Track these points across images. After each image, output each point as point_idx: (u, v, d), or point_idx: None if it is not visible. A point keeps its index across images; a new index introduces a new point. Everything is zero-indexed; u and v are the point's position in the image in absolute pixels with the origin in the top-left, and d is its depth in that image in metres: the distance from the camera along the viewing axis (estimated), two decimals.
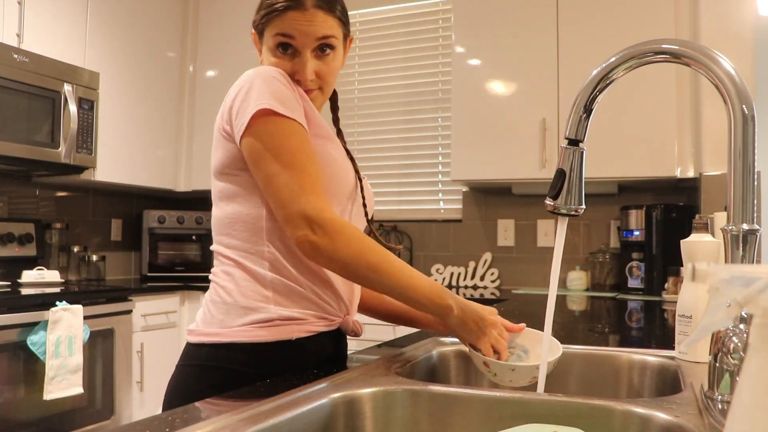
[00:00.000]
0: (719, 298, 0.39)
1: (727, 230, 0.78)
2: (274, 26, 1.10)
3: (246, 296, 1.06)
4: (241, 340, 1.04)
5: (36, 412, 2.37)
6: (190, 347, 1.09)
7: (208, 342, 1.06)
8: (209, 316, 1.09)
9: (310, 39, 1.10)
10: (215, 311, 1.08)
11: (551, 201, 0.93)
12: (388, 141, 3.66)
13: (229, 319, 1.06)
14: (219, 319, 1.07)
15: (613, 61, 0.89)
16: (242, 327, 1.05)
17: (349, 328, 1.15)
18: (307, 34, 1.09)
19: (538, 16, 2.97)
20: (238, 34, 3.61)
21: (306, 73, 1.10)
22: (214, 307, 1.09)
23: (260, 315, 1.05)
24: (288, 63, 1.11)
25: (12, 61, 2.61)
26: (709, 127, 2.68)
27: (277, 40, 1.10)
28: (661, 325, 1.80)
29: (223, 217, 1.11)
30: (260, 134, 1.01)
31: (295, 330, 1.05)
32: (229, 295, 1.07)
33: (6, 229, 2.95)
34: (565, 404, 0.80)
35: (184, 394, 1.03)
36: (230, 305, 1.06)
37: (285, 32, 1.09)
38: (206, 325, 1.08)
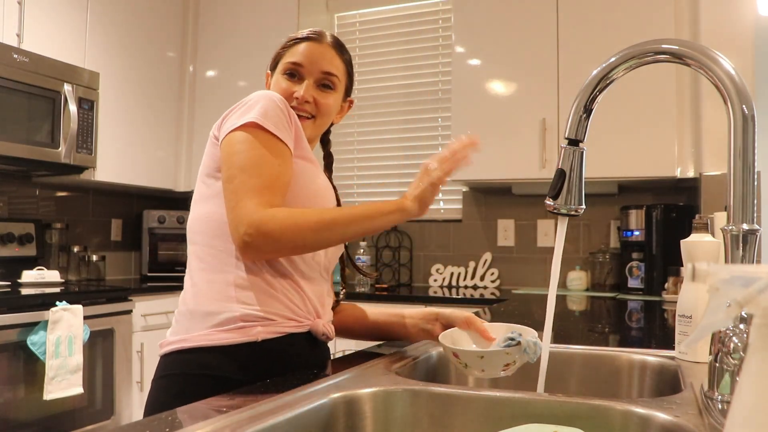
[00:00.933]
0: (719, 298, 0.39)
1: (727, 230, 0.78)
2: (288, 54, 1.22)
3: (209, 299, 1.06)
4: (205, 344, 1.03)
5: (36, 412, 2.37)
6: (160, 360, 1.09)
7: (172, 350, 1.06)
8: (176, 327, 1.10)
9: (315, 68, 1.21)
10: (181, 320, 1.09)
11: (551, 201, 0.93)
12: (388, 141, 3.65)
13: (194, 325, 1.06)
14: (185, 327, 1.07)
15: (613, 61, 0.89)
16: (206, 331, 1.04)
17: (319, 331, 1.13)
18: (314, 63, 1.21)
19: (538, 16, 2.97)
20: (238, 34, 3.61)
21: (303, 92, 1.19)
22: (180, 316, 1.10)
23: (223, 316, 1.04)
24: (291, 85, 1.20)
25: (12, 61, 2.61)
26: (709, 127, 2.68)
27: (287, 66, 1.21)
28: (661, 325, 1.80)
29: (194, 219, 1.14)
30: (240, 138, 1.06)
31: (261, 331, 1.04)
32: (193, 301, 1.08)
33: (6, 229, 2.95)
34: (565, 404, 0.80)
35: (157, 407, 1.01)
36: (193, 312, 1.07)
37: (296, 60, 1.21)
38: (173, 335, 1.09)
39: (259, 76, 3.87)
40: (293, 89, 1.20)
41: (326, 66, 1.21)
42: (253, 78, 3.51)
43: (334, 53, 1.23)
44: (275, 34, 3.51)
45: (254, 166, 1.03)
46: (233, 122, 1.08)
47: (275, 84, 1.23)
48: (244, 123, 1.06)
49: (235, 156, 1.05)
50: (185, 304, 1.09)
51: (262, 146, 1.05)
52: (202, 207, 1.13)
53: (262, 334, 1.04)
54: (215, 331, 1.03)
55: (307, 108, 1.20)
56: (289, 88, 1.20)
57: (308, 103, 1.20)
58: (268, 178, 1.03)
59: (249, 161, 1.04)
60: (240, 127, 1.06)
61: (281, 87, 1.20)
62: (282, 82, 1.21)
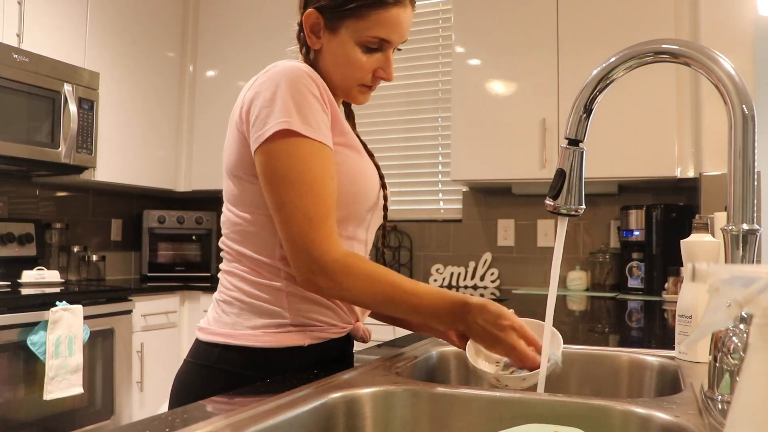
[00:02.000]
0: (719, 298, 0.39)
1: (727, 230, 0.78)
2: (371, 22, 1.01)
3: (260, 300, 1.03)
4: (252, 345, 1.01)
5: (36, 412, 2.37)
6: (200, 345, 1.06)
7: (219, 342, 1.03)
8: (221, 315, 1.05)
9: (401, 40, 1.06)
10: (228, 310, 1.05)
11: (551, 201, 0.93)
12: (388, 141, 3.66)
13: (242, 320, 1.03)
14: (231, 320, 1.04)
15: (613, 61, 0.89)
16: (254, 331, 1.02)
17: (358, 335, 1.14)
18: (402, 36, 1.05)
19: (538, 16, 2.97)
20: (238, 34, 3.61)
21: (391, 71, 1.07)
22: (228, 307, 1.05)
23: (274, 320, 1.02)
24: (372, 61, 1.05)
25: (12, 61, 2.61)
26: (709, 127, 2.68)
27: (370, 39, 1.03)
28: (661, 325, 1.80)
29: (237, 222, 1.06)
30: (277, 153, 0.94)
31: (308, 337, 1.03)
32: (245, 297, 1.04)
33: (6, 229, 2.95)
34: (565, 404, 0.80)
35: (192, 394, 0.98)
36: (243, 307, 1.03)
37: (386, 37, 1.03)
38: (218, 325, 1.05)
39: None
40: (375, 65, 1.05)
41: (407, 33, 1.06)
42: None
43: (411, 12, 1.05)
44: (275, 35, 3.51)
45: (304, 185, 0.94)
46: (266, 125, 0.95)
47: (348, 56, 1.03)
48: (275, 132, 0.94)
49: (279, 172, 0.94)
50: (229, 298, 1.05)
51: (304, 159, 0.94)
52: (242, 211, 1.04)
53: (308, 340, 1.03)
54: (263, 333, 1.02)
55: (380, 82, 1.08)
56: (371, 64, 1.04)
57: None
58: (324, 202, 0.94)
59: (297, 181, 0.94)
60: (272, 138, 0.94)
61: (361, 63, 1.04)
62: (361, 57, 1.04)
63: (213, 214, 3.64)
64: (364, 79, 1.07)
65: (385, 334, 2.64)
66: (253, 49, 3.54)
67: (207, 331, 1.06)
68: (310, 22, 1.05)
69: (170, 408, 1.01)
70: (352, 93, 1.10)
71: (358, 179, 1.06)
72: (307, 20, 1.05)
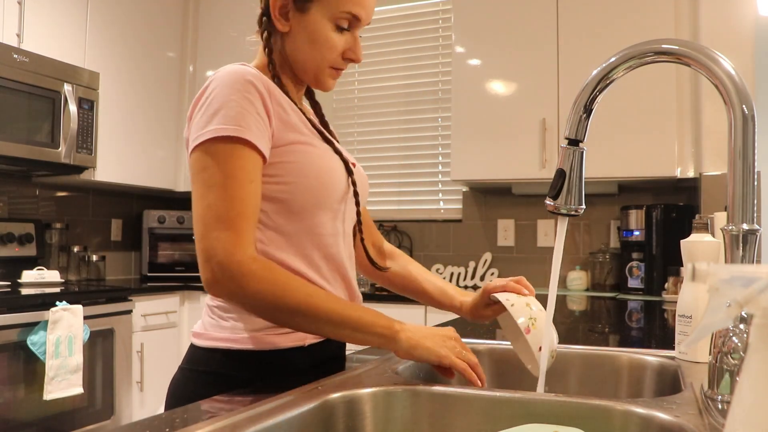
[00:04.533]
0: (719, 298, 0.39)
1: (727, 230, 0.78)
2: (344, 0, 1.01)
3: None
4: (254, 348, 0.99)
5: (36, 412, 2.37)
6: (198, 351, 1.03)
7: (219, 347, 1.00)
8: (219, 321, 1.03)
9: (368, 20, 1.06)
10: (226, 315, 1.02)
11: (551, 201, 0.93)
12: (388, 141, 3.66)
13: (241, 324, 1.01)
14: (230, 324, 1.01)
15: (613, 61, 0.89)
16: (256, 333, 1.00)
17: None
18: (368, 15, 1.05)
19: (538, 16, 2.97)
20: (238, 34, 3.61)
21: (360, 53, 1.07)
22: (225, 313, 1.03)
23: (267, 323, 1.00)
24: (342, 40, 1.04)
25: (12, 61, 2.61)
26: (709, 127, 2.68)
27: (344, 17, 1.02)
28: (661, 325, 1.80)
29: None
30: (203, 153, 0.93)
31: (307, 336, 1.03)
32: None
33: (6, 229, 2.95)
34: (565, 404, 0.80)
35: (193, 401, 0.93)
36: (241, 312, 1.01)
37: (358, 14, 1.02)
38: (216, 330, 1.02)
39: None
40: (345, 45, 1.05)
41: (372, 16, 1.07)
42: None
43: None
44: None
45: (216, 185, 0.91)
46: (194, 133, 0.95)
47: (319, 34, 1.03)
48: (201, 143, 0.93)
49: (198, 176, 0.93)
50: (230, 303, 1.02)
51: (226, 162, 0.92)
52: None
53: (308, 339, 1.03)
54: (264, 335, 1.00)
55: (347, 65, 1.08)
56: (340, 43, 1.04)
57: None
58: (240, 202, 0.91)
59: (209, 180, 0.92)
60: (199, 147, 0.93)
61: (332, 42, 1.03)
62: (332, 35, 1.03)
63: None
64: (335, 61, 1.05)
65: None
66: (253, 49, 3.54)
67: (205, 336, 1.03)
68: (279, 4, 1.04)
69: None
70: (321, 77, 1.07)
71: (322, 173, 1.02)
72: (275, 2, 1.04)
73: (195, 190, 0.93)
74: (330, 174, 1.04)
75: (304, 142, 1.02)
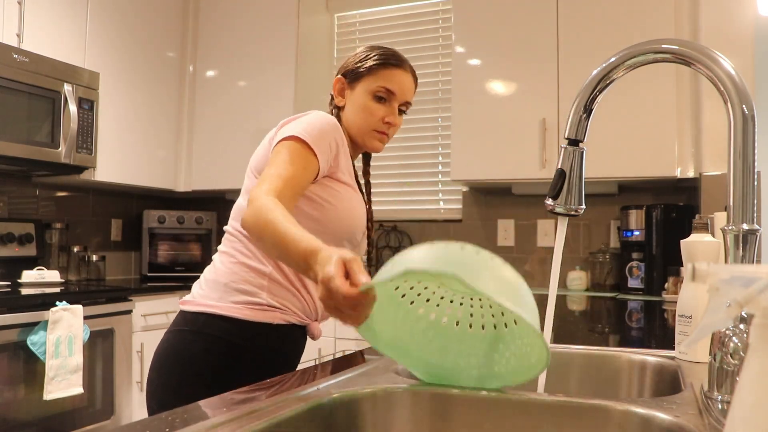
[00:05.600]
0: (719, 298, 0.39)
1: (727, 230, 0.78)
2: (380, 77, 1.36)
3: (244, 281, 1.27)
4: (233, 315, 1.24)
5: (36, 412, 2.37)
6: (186, 315, 1.28)
7: (204, 311, 1.26)
8: (207, 291, 1.29)
9: (403, 97, 1.39)
10: (214, 287, 1.29)
11: (551, 201, 0.93)
12: (388, 141, 3.65)
13: (226, 296, 1.27)
14: (217, 295, 1.27)
15: (613, 61, 0.89)
16: (236, 305, 1.25)
17: (313, 333, 1.36)
18: (404, 92, 1.39)
19: (538, 16, 2.97)
20: (238, 34, 3.61)
21: (396, 119, 1.39)
22: (213, 285, 1.29)
23: (253, 299, 1.26)
24: (382, 109, 1.37)
25: (12, 61, 2.61)
26: (709, 127, 2.68)
27: (380, 90, 1.36)
28: (661, 325, 1.80)
29: (238, 208, 1.34)
30: (279, 149, 1.22)
31: (278, 316, 1.27)
32: (228, 277, 1.28)
33: (6, 229, 2.95)
34: (565, 404, 0.80)
35: (178, 355, 1.25)
36: (227, 285, 1.27)
37: (391, 88, 1.37)
38: (203, 299, 1.29)
39: (258, 76, 3.88)
40: (383, 113, 1.37)
41: (409, 97, 1.41)
42: (253, 78, 3.51)
43: (414, 85, 1.43)
44: (275, 34, 3.51)
45: (281, 164, 1.19)
46: (283, 133, 1.24)
47: (363, 104, 1.36)
48: (288, 136, 1.22)
49: (273, 158, 1.21)
50: (219, 277, 1.29)
51: (295, 153, 1.20)
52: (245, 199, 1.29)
53: (277, 320, 1.27)
54: (243, 308, 1.25)
55: (392, 132, 1.40)
56: (380, 112, 1.36)
57: (395, 127, 1.40)
58: (284, 173, 1.17)
59: (279, 161, 1.19)
60: (284, 139, 1.22)
61: (372, 110, 1.36)
62: (372, 104, 1.36)
63: (213, 214, 3.64)
64: (376, 125, 1.37)
65: None
66: (253, 49, 3.54)
67: (192, 303, 1.29)
68: (338, 86, 1.40)
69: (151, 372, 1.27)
70: (367, 139, 1.39)
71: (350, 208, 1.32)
72: (336, 84, 1.41)
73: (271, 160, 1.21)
74: (358, 216, 1.35)
75: (349, 185, 1.34)
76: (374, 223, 1.47)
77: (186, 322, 1.28)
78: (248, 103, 3.49)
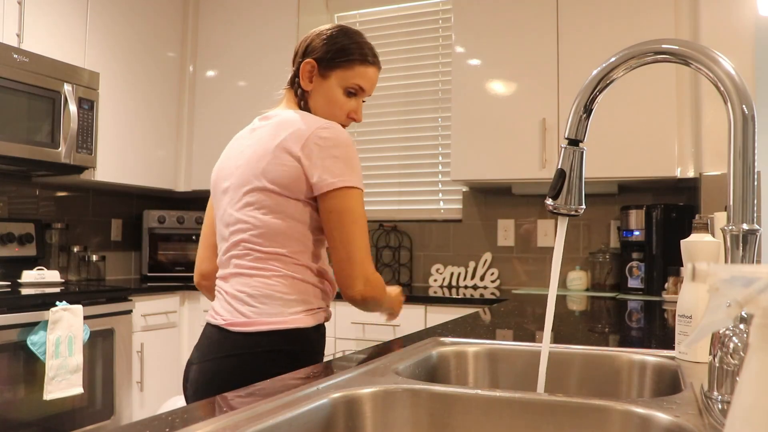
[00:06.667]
0: (719, 298, 0.39)
1: (727, 230, 0.78)
2: (356, 74, 1.36)
3: (298, 291, 1.31)
4: (299, 326, 1.28)
5: (36, 412, 2.37)
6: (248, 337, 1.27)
7: (273, 330, 1.27)
8: (263, 308, 1.29)
9: (370, 93, 1.42)
10: (271, 303, 1.29)
11: (551, 201, 0.93)
12: (388, 141, 3.66)
13: (285, 308, 1.29)
14: (277, 310, 1.29)
15: (613, 61, 0.89)
16: (297, 315, 1.29)
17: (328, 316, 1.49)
18: (371, 88, 1.41)
19: (538, 16, 2.97)
20: (238, 34, 3.61)
21: (360, 116, 1.41)
22: (270, 300, 1.29)
23: (307, 306, 1.32)
24: (351, 103, 1.38)
25: (12, 61, 2.61)
26: (709, 127, 2.68)
27: (353, 86, 1.37)
28: (661, 325, 1.80)
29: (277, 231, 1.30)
30: (350, 200, 1.27)
31: (323, 316, 1.37)
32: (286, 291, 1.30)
33: (6, 229, 2.95)
34: (565, 404, 0.80)
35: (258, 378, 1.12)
36: (286, 299, 1.30)
37: (363, 85, 1.38)
38: (265, 316, 1.28)
39: (259, 76, 3.88)
40: (352, 108, 1.39)
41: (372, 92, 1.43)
42: (253, 78, 3.51)
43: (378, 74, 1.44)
44: (275, 34, 3.51)
45: (364, 231, 1.28)
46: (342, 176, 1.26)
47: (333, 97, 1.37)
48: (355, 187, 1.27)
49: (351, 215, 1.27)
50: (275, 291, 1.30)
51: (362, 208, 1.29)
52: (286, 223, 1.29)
53: (323, 319, 1.37)
54: (304, 316, 1.31)
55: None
56: (348, 106, 1.38)
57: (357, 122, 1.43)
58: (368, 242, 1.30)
59: (363, 226, 1.28)
60: (352, 188, 1.27)
61: (341, 104, 1.37)
62: (342, 99, 1.37)
63: None
64: (341, 118, 1.38)
65: (386, 334, 2.64)
66: (253, 49, 3.54)
67: (255, 323, 1.27)
68: (307, 69, 1.36)
69: None
70: None
71: None
72: (305, 67, 1.37)
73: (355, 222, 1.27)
74: None
75: None
76: None
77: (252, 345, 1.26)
78: (248, 103, 3.49)
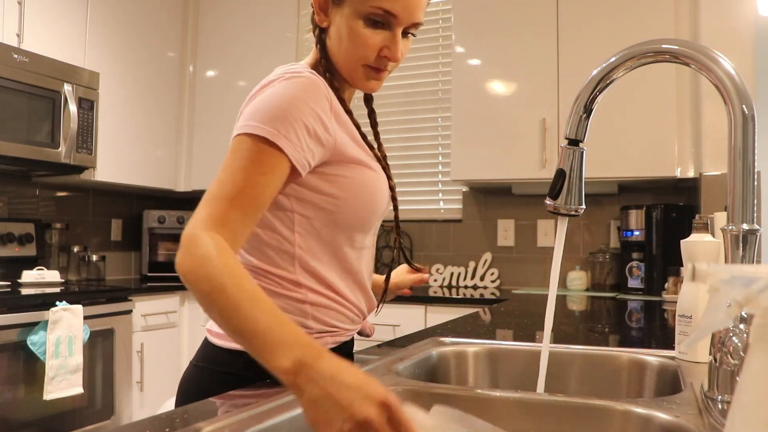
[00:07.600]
0: (719, 298, 0.39)
1: (727, 230, 0.78)
2: None
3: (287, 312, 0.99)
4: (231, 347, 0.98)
5: (36, 412, 2.37)
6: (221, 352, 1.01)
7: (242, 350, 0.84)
8: None
9: (409, 19, 0.99)
10: None
11: (551, 201, 0.93)
12: (388, 141, 3.65)
13: None
14: None
15: (613, 61, 0.89)
16: None
17: (364, 332, 1.17)
18: (410, 12, 0.98)
19: (538, 16, 2.97)
20: (238, 34, 3.61)
21: (398, 53, 1.00)
22: None
23: None
24: (378, 38, 0.99)
25: (12, 61, 2.61)
26: (709, 127, 2.68)
27: (375, 12, 0.97)
28: (661, 325, 1.80)
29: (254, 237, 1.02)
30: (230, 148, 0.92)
31: (329, 342, 1.05)
32: None
33: (6, 229, 2.95)
34: (565, 404, 0.80)
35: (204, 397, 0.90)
36: None
37: (389, 8, 0.96)
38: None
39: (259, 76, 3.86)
40: (379, 43, 0.99)
41: (419, 16, 1.00)
42: (253, 78, 3.50)
43: None
44: (275, 34, 3.51)
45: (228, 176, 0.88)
46: (243, 121, 0.93)
47: (352, 29, 0.98)
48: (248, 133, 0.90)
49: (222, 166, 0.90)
50: None
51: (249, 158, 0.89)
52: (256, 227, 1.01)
53: (329, 344, 1.05)
54: None
55: (391, 67, 1.03)
56: (374, 40, 0.99)
57: (395, 61, 1.02)
58: (232, 189, 0.87)
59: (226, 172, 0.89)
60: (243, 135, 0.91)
61: (364, 38, 0.98)
62: (364, 30, 0.98)
63: None
64: (367, 58, 1.00)
65: (386, 334, 2.65)
66: (253, 49, 3.54)
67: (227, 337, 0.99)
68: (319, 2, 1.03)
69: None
70: (356, 76, 1.03)
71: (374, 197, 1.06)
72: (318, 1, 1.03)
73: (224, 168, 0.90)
74: (380, 197, 1.07)
75: (365, 164, 1.04)
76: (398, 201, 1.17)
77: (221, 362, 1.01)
78: None
